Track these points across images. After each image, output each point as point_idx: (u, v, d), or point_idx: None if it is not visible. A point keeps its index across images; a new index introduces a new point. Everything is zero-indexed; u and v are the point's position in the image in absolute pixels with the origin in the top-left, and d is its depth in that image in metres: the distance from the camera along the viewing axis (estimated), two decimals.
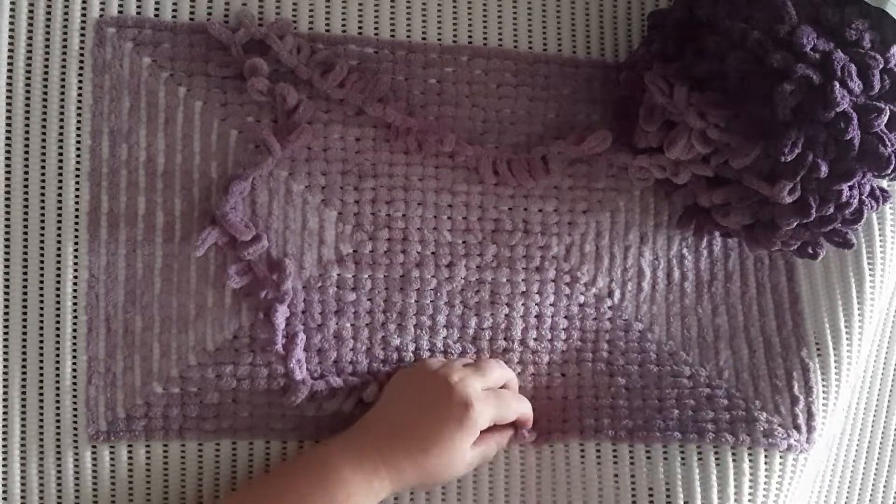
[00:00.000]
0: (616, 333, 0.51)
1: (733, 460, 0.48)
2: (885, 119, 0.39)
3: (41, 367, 0.45)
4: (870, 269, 0.52)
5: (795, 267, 0.52)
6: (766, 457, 0.48)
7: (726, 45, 0.41)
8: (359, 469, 0.42)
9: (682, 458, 0.48)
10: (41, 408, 0.45)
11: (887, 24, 0.40)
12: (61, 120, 0.44)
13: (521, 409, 0.47)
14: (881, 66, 0.39)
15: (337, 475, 0.42)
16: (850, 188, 0.41)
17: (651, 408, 0.49)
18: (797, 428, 0.49)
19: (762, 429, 0.48)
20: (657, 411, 0.49)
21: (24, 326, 0.44)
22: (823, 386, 0.51)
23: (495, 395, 0.45)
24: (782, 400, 0.50)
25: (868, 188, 0.42)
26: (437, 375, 0.45)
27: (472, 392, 0.44)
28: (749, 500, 0.48)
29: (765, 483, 0.49)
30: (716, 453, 0.48)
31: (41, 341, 0.45)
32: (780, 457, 0.49)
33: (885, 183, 0.51)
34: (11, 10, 0.44)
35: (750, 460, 0.48)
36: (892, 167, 0.39)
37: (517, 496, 0.48)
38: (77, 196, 0.45)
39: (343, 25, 0.48)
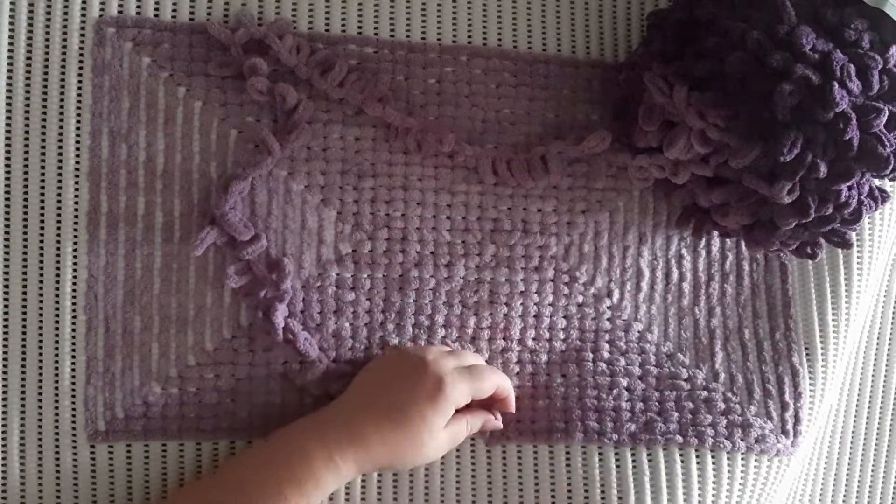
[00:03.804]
0: (616, 333, 0.51)
1: (728, 465, 0.50)
2: (884, 119, 0.39)
3: (40, 367, 0.45)
4: (858, 271, 0.52)
5: (789, 269, 0.52)
6: (755, 462, 0.50)
7: (726, 46, 0.41)
8: (322, 445, 0.41)
9: (682, 462, 0.49)
10: (40, 408, 0.45)
11: (886, 25, 0.40)
12: (61, 120, 0.44)
13: (498, 380, 0.46)
14: (880, 67, 0.39)
15: (301, 453, 0.41)
16: (849, 188, 0.41)
17: (652, 410, 0.50)
18: (786, 433, 0.51)
19: (756, 435, 0.50)
20: (657, 414, 0.50)
21: (24, 326, 0.44)
22: (811, 389, 0.52)
23: (469, 369, 0.45)
24: (774, 406, 0.51)
25: (867, 188, 0.42)
26: (412, 354, 0.45)
27: (446, 369, 0.43)
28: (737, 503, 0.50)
29: (751, 486, 0.50)
30: (713, 458, 0.50)
31: (40, 341, 0.45)
32: (768, 461, 0.50)
33: (884, 183, 0.51)
34: (11, 10, 0.44)
35: (742, 465, 0.50)
36: (890, 167, 0.39)
37: (515, 495, 0.48)
38: (76, 196, 0.45)
39: (343, 25, 0.48)
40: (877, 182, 0.46)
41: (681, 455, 0.49)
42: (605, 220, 0.51)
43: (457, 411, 0.44)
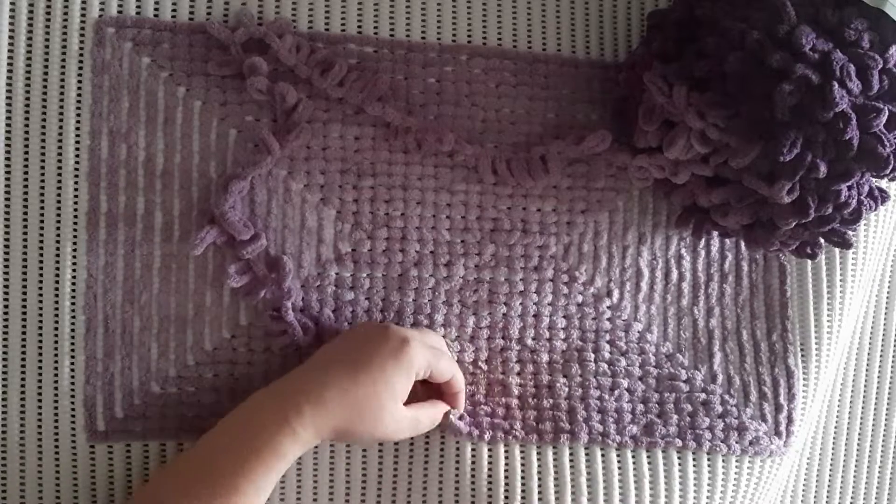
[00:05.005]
0: (616, 333, 0.51)
1: (723, 468, 0.50)
2: (884, 119, 0.39)
3: (40, 368, 0.45)
4: (853, 271, 0.52)
5: (787, 269, 0.52)
6: (749, 464, 0.50)
7: (726, 45, 0.40)
8: (279, 410, 0.40)
9: (680, 465, 0.49)
10: (40, 408, 0.45)
11: (886, 25, 0.40)
12: (61, 120, 0.45)
13: (454, 369, 0.46)
14: (880, 67, 0.39)
15: (259, 419, 0.40)
16: (849, 188, 0.41)
17: (652, 413, 0.50)
18: (779, 434, 0.51)
19: (750, 438, 0.50)
20: (658, 416, 0.50)
21: (23, 326, 0.44)
22: (804, 389, 0.52)
23: (431, 348, 0.44)
24: (769, 408, 0.51)
25: (867, 188, 0.42)
26: (376, 323, 0.45)
27: (411, 333, 0.43)
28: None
29: (745, 487, 0.51)
30: (709, 461, 0.50)
31: (40, 341, 0.45)
32: (761, 462, 0.51)
33: (883, 183, 0.51)
34: (11, 10, 0.44)
35: (736, 468, 0.50)
36: (890, 167, 0.39)
37: (516, 496, 0.48)
38: (76, 196, 0.45)
39: (342, 24, 0.48)
40: (876, 182, 0.45)
41: (679, 458, 0.50)
42: (605, 220, 0.51)
43: (417, 401, 0.44)
